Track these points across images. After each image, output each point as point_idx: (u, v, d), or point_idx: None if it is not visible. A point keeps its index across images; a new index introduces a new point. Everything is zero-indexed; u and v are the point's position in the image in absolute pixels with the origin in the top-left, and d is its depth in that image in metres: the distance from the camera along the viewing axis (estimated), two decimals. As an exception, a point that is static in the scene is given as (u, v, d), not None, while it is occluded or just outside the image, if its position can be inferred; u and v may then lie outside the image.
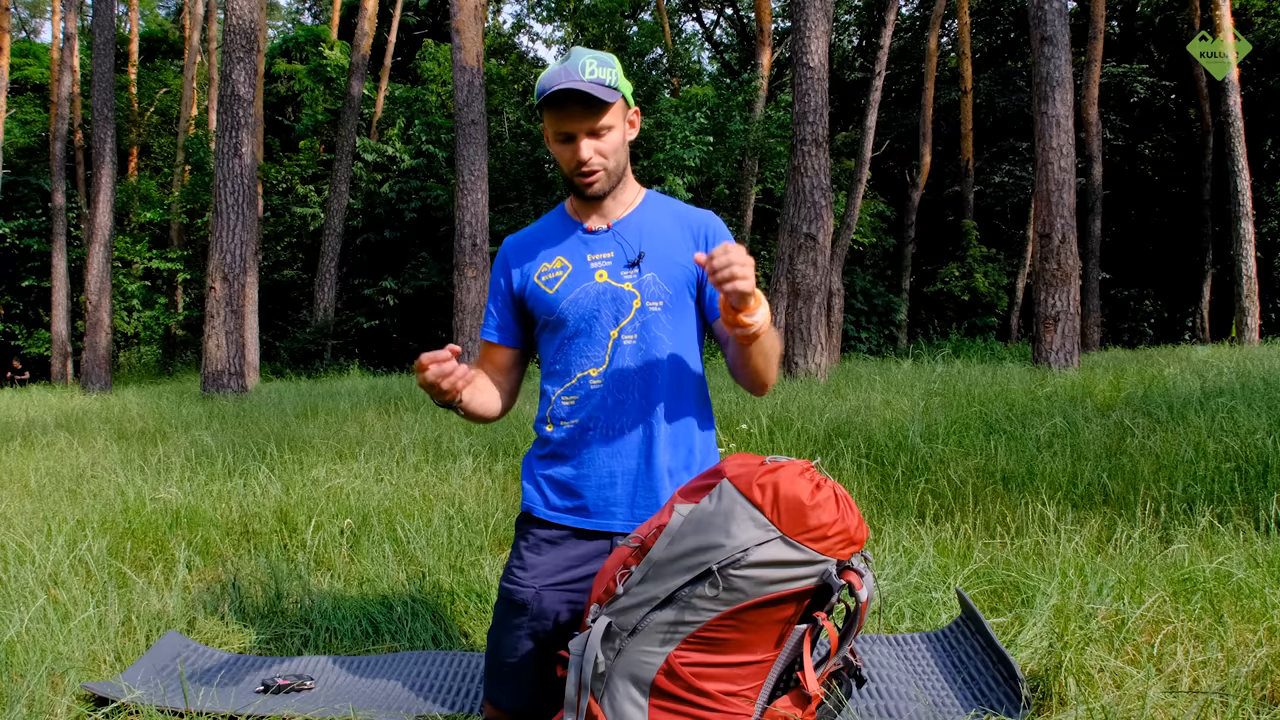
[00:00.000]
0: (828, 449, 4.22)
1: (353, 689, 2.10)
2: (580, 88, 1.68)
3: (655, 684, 1.49)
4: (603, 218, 1.86)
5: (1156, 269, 22.84)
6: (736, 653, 1.49)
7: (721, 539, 1.44)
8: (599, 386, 1.80)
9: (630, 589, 1.50)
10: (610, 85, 1.73)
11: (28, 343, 20.36)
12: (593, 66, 1.72)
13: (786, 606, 1.47)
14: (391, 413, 6.95)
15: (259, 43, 14.36)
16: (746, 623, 1.46)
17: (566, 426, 1.83)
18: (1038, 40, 8.81)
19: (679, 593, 1.46)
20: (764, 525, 1.44)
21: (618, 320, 1.81)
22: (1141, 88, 21.01)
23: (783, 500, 1.44)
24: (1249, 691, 1.75)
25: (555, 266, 1.85)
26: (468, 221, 9.53)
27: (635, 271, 1.81)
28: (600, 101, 1.71)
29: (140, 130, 23.82)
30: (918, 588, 2.53)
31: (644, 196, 1.91)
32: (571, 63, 1.72)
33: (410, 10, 22.65)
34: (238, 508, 3.58)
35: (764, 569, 1.43)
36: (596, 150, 1.76)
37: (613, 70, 1.75)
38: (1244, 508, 3.02)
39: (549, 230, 1.92)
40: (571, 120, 1.73)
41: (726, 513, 1.46)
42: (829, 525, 1.45)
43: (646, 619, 1.48)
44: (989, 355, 14.60)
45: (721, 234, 1.88)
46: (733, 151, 16.94)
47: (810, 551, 1.44)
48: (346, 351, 16.78)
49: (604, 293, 1.81)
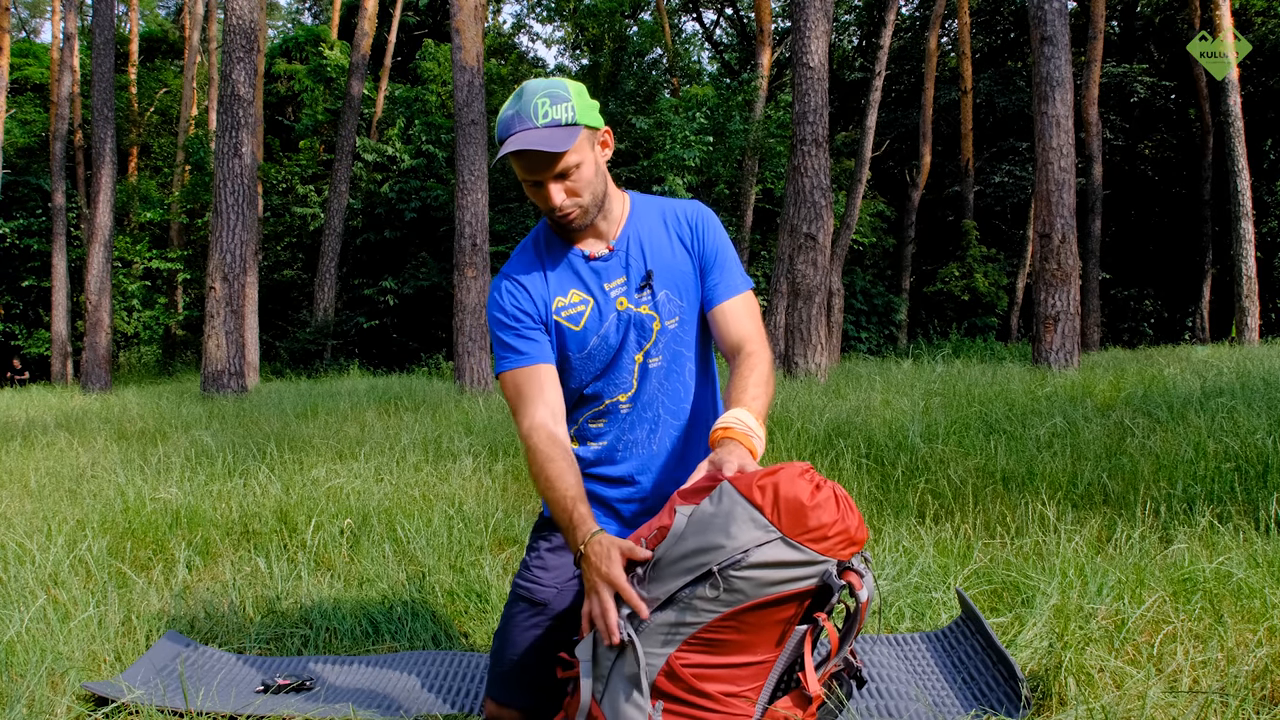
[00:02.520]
0: (828, 449, 4.21)
1: (353, 689, 2.10)
2: (531, 144, 1.62)
3: (656, 685, 1.49)
4: (600, 240, 1.82)
5: (1156, 269, 22.84)
6: (737, 654, 1.48)
7: (722, 540, 1.43)
8: (628, 410, 1.82)
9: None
10: (567, 123, 1.66)
11: (28, 343, 20.36)
12: (545, 106, 1.65)
13: (787, 607, 1.46)
14: (391, 413, 6.95)
15: (259, 43, 14.36)
16: (747, 624, 1.46)
17: (594, 447, 1.85)
18: (1038, 40, 8.81)
19: (679, 594, 1.46)
20: (764, 526, 1.43)
21: (641, 345, 1.80)
22: (1141, 88, 21.01)
23: (783, 501, 1.43)
24: (1249, 691, 1.75)
25: (574, 301, 1.79)
26: (468, 221, 9.53)
27: (648, 293, 1.79)
28: (555, 153, 1.65)
29: (140, 130, 23.82)
30: (918, 588, 2.53)
31: (630, 206, 1.86)
32: (524, 105, 1.65)
33: (410, 10, 22.65)
34: (238, 508, 3.58)
35: (764, 570, 1.42)
36: (567, 191, 1.71)
37: (568, 104, 1.67)
38: (1244, 508, 3.01)
39: (551, 256, 1.84)
40: (536, 170, 1.68)
41: (727, 514, 1.45)
42: (829, 525, 1.44)
43: (649, 620, 1.48)
44: (989, 355, 14.60)
45: (708, 223, 1.86)
46: (733, 151, 16.94)
47: (811, 552, 1.43)
48: (346, 351, 16.78)
49: (626, 321, 1.79)
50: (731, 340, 1.80)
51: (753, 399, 1.66)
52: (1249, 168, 15.73)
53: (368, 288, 17.11)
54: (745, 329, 1.80)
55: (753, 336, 1.79)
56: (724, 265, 1.84)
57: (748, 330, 1.80)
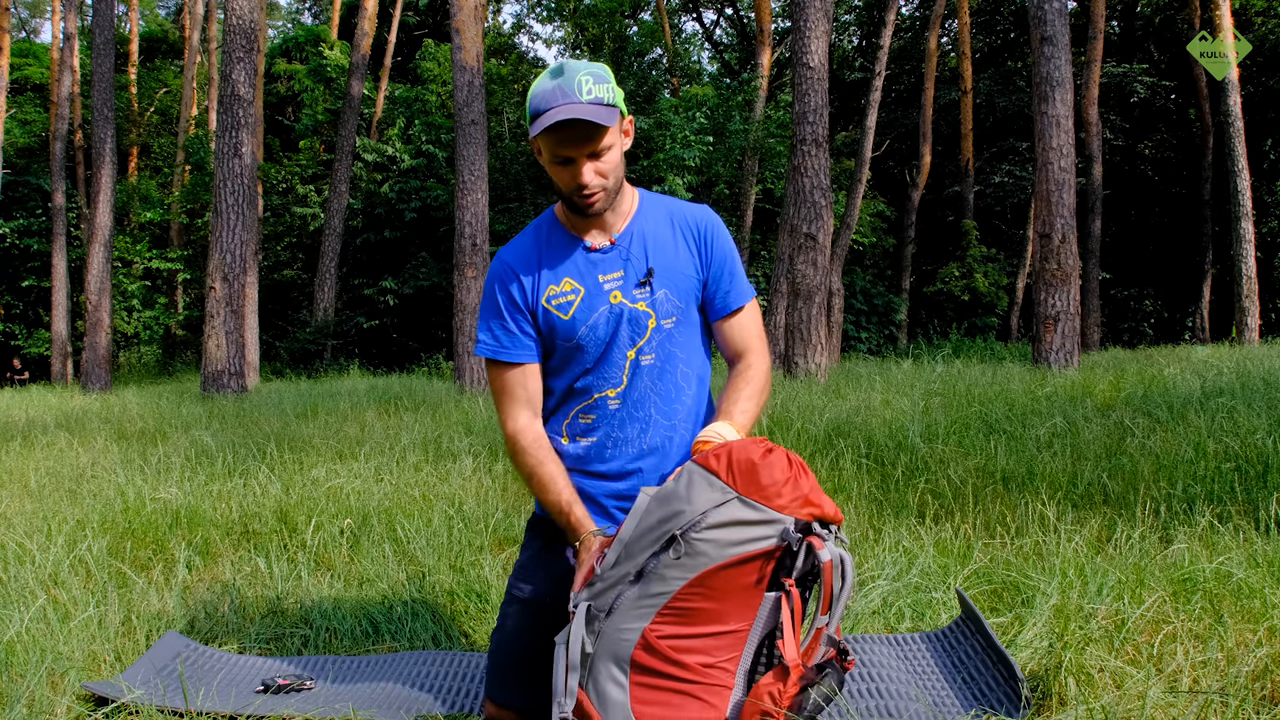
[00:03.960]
0: (828, 449, 4.21)
1: (353, 689, 2.10)
2: (582, 114, 1.62)
3: (634, 660, 1.53)
4: (603, 232, 1.82)
5: (1156, 269, 22.83)
6: (710, 623, 1.52)
7: (682, 506, 1.51)
8: (617, 406, 1.81)
9: (605, 572, 1.56)
10: (608, 103, 1.67)
11: (28, 343, 20.36)
12: (588, 84, 1.65)
13: (751, 568, 1.51)
14: (391, 413, 6.95)
15: (259, 43, 14.36)
16: (715, 589, 1.50)
17: (584, 443, 1.85)
18: (1038, 40, 8.81)
19: (647, 565, 1.52)
20: (721, 488, 1.51)
21: (634, 341, 1.80)
22: (1141, 88, 21.01)
23: (736, 464, 1.52)
24: (1249, 691, 1.75)
25: (565, 289, 1.80)
26: (468, 221, 9.53)
27: (647, 290, 1.79)
28: (602, 126, 1.66)
29: (140, 130, 23.82)
30: (918, 588, 2.53)
31: (638, 202, 1.86)
32: (567, 80, 1.65)
33: (410, 10, 22.64)
34: (238, 508, 3.58)
35: (724, 530, 1.49)
36: (597, 172, 1.71)
37: (609, 85, 1.69)
38: (1244, 508, 3.01)
39: (548, 245, 1.84)
40: (571, 145, 1.67)
41: (687, 485, 1.53)
42: (781, 483, 1.50)
43: (621, 596, 1.53)
44: (989, 355, 14.60)
45: (718, 232, 1.87)
46: (733, 151, 16.94)
47: (767, 510, 1.50)
48: (346, 351, 16.78)
49: (619, 315, 1.79)
50: (735, 348, 1.86)
51: (741, 411, 1.74)
52: (1249, 168, 15.73)
53: (368, 288, 17.11)
54: (749, 338, 1.87)
55: (754, 346, 1.86)
56: (732, 274, 1.87)
57: (751, 339, 1.87)
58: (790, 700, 1.51)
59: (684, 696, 1.52)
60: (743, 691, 1.54)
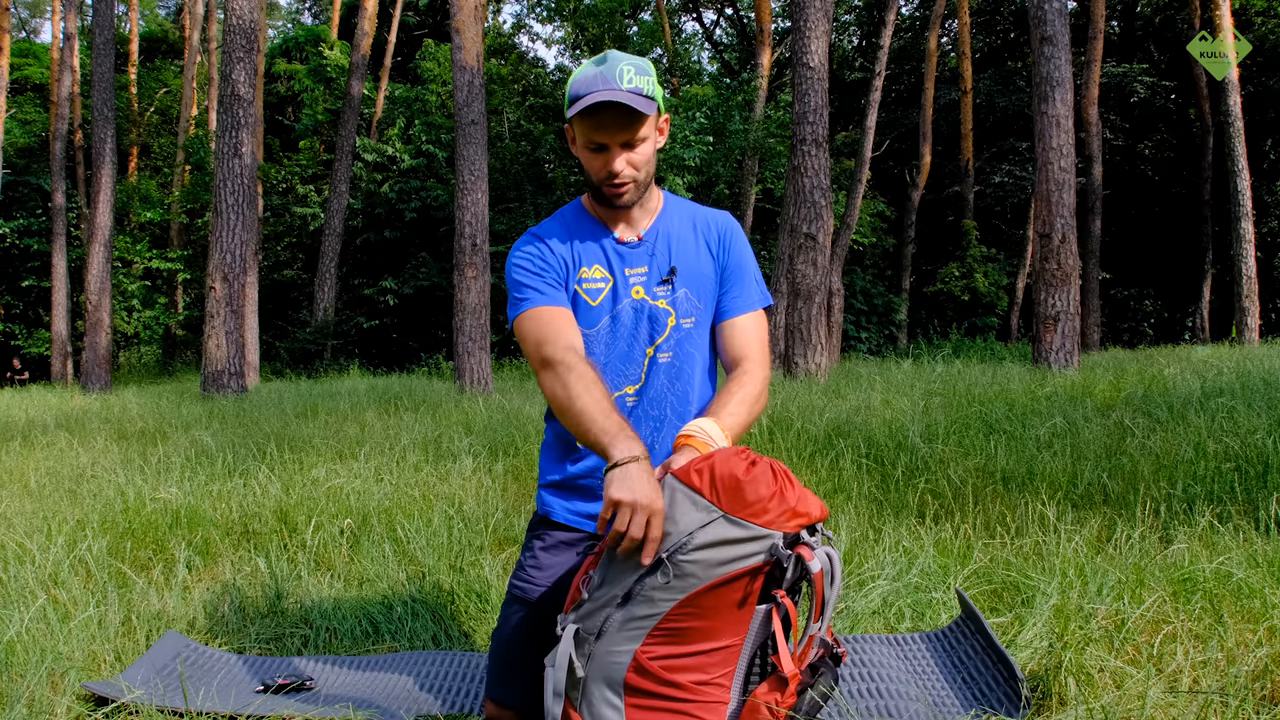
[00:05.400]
0: (828, 449, 4.21)
1: (353, 689, 2.10)
2: (620, 99, 1.62)
3: (627, 683, 1.50)
4: (631, 228, 1.83)
5: (1156, 269, 22.84)
6: (701, 641, 1.50)
7: (668, 527, 1.46)
8: (635, 404, 1.81)
9: (592, 593, 1.52)
10: (648, 95, 1.68)
11: (28, 343, 20.35)
12: (631, 74, 1.66)
13: (741, 585, 1.47)
14: (391, 413, 6.95)
15: (259, 43, 14.37)
16: (705, 608, 1.47)
17: None
18: (1038, 40, 8.81)
19: (634, 587, 1.48)
20: (705, 507, 1.46)
21: (653, 338, 1.80)
22: (1141, 88, 21.01)
23: (720, 480, 1.46)
24: (1249, 691, 1.75)
25: (596, 276, 1.80)
26: (468, 221, 9.53)
27: (669, 288, 1.80)
28: (639, 114, 1.66)
29: (140, 130, 23.82)
30: (918, 588, 2.54)
31: (664, 201, 1.88)
32: (609, 68, 1.66)
33: (410, 10, 22.64)
34: (238, 508, 3.58)
35: (711, 550, 1.44)
36: (629, 162, 1.71)
37: (650, 78, 1.69)
38: (1244, 508, 3.02)
39: (579, 231, 1.84)
40: (606, 131, 1.67)
41: (669, 502, 1.48)
42: (767, 498, 1.45)
43: (609, 619, 1.50)
44: (989, 355, 14.61)
45: (736, 237, 1.88)
46: (733, 151, 16.94)
47: (754, 527, 1.45)
48: (346, 351, 16.78)
49: (641, 310, 1.79)
50: (733, 354, 1.83)
51: (730, 414, 1.68)
52: (1249, 168, 15.73)
53: (368, 288, 17.11)
54: (749, 346, 1.82)
55: (754, 354, 1.81)
56: (743, 279, 1.86)
57: (751, 348, 1.82)
58: (789, 707, 1.51)
59: (681, 716, 1.50)
60: (738, 702, 1.53)
